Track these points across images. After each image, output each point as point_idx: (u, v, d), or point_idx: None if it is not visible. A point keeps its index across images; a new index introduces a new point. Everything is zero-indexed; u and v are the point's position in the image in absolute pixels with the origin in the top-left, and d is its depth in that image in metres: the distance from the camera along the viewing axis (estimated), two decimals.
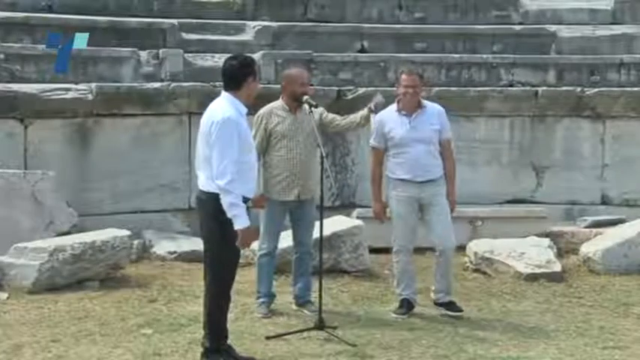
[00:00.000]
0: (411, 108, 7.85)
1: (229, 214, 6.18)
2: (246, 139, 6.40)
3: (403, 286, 7.93)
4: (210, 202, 6.28)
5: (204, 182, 6.36)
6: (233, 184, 6.16)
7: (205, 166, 6.33)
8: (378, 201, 8.07)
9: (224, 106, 6.35)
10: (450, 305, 7.88)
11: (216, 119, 6.27)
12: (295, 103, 7.78)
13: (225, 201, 6.17)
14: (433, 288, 7.97)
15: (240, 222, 6.18)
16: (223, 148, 6.19)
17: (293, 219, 7.94)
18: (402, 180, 7.82)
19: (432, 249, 8.07)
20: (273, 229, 7.86)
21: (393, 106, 7.94)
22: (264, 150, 7.81)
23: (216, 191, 6.23)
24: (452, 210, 7.89)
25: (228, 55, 7.31)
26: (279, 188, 7.77)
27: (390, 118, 7.91)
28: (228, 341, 6.55)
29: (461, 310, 7.83)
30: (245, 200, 6.33)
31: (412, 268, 7.98)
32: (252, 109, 7.04)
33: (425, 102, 7.99)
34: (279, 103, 7.88)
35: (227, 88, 6.46)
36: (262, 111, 7.86)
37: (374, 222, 8.23)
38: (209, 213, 6.33)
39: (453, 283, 8.06)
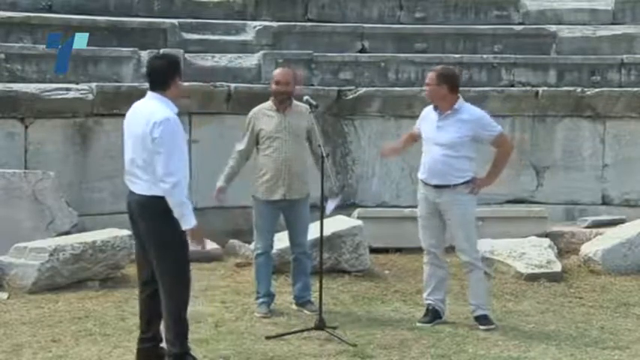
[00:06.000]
0: (442, 106, 7.47)
1: (177, 214, 5.97)
2: (184, 139, 6.19)
3: (429, 292, 7.69)
4: (157, 206, 6.02)
5: (147, 187, 6.06)
6: (181, 184, 5.98)
7: (146, 170, 6.04)
8: (393, 145, 8.02)
9: (159, 107, 6.09)
10: (481, 319, 7.55)
11: (157, 119, 5.98)
12: (282, 104, 7.78)
13: (173, 201, 5.96)
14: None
15: (189, 221, 6.00)
16: (170, 148, 5.96)
17: (286, 220, 7.94)
18: (421, 180, 7.59)
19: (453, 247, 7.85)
20: (264, 229, 7.85)
21: None
22: (255, 150, 7.84)
23: (161, 194, 5.99)
24: (473, 189, 7.44)
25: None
26: (265, 188, 7.78)
27: (428, 112, 7.64)
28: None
29: (492, 324, 7.51)
30: None
31: (441, 273, 7.68)
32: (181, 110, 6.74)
33: (461, 103, 7.51)
34: (268, 103, 7.92)
35: (154, 88, 6.19)
36: (252, 112, 7.93)
37: (374, 222, 8.16)
38: (156, 217, 6.05)
39: (486, 297, 7.76)
